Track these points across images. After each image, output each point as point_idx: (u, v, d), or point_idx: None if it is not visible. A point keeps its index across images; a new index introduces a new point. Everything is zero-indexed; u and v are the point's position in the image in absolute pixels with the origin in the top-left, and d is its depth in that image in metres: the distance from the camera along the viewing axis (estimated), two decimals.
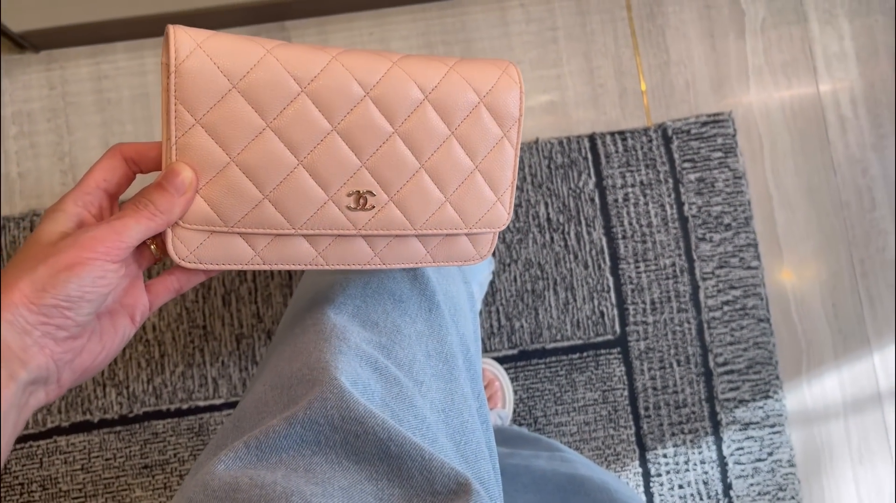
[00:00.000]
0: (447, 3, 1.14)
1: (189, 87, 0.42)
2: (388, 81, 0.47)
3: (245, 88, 0.43)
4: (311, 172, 0.46)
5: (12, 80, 1.09)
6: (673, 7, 1.16)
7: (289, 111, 0.44)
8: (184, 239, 0.44)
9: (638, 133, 1.14)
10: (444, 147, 0.49)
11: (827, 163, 1.16)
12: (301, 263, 0.48)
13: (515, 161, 0.53)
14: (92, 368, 0.42)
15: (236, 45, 0.43)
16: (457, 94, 0.49)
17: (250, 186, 0.45)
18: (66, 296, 0.38)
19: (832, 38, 1.17)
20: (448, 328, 0.55)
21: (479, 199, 0.52)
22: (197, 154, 0.43)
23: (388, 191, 0.48)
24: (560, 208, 1.13)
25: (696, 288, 1.13)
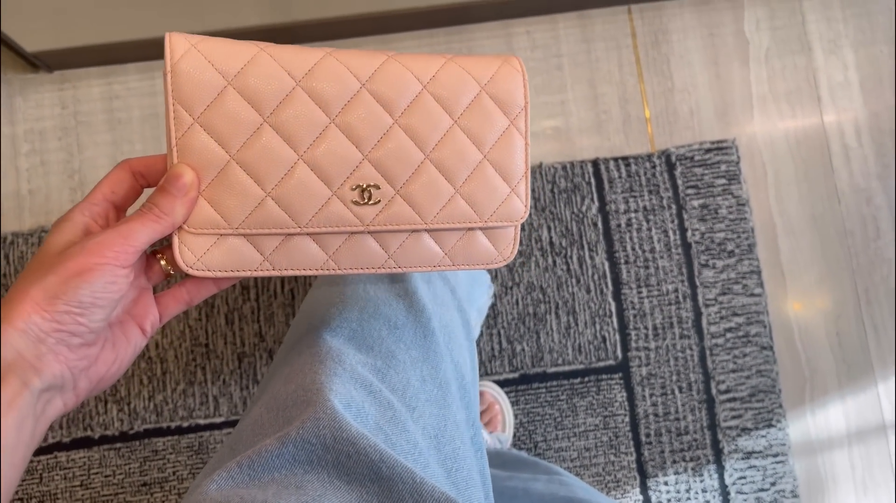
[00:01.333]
0: (454, 28, 1.16)
1: (185, 87, 0.42)
2: (384, 73, 0.46)
3: (240, 85, 0.43)
4: (313, 167, 0.45)
5: (25, 99, 1.11)
6: (677, 35, 1.17)
7: (285, 106, 0.44)
8: (190, 245, 0.44)
9: (641, 159, 1.15)
10: (448, 137, 0.48)
11: (831, 191, 1.16)
12: (312, 268, 0.47)
13: (527, 150, 0.51)
14: (107, 378, 0.42)
15: (230, 45, 0.44)
16: (456, 84, 0.48)
17: (252, 184, 0.44)
18: (79, 302, 0.38)
19: (836, 68, 1.17)
20: (443, 355, 0.55)
21: (492, 191, 0.50)
22: (197, 154, 0.43)
23: (393, 183, 0.47)
24: (563, 232, 1.14)
25: (699, 314, 1.13)
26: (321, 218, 0.46)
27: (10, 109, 1.11)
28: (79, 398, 0.41)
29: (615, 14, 1.17)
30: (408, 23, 1.14)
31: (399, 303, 0.57)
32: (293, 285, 1.10)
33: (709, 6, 1.18)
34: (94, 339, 0.40)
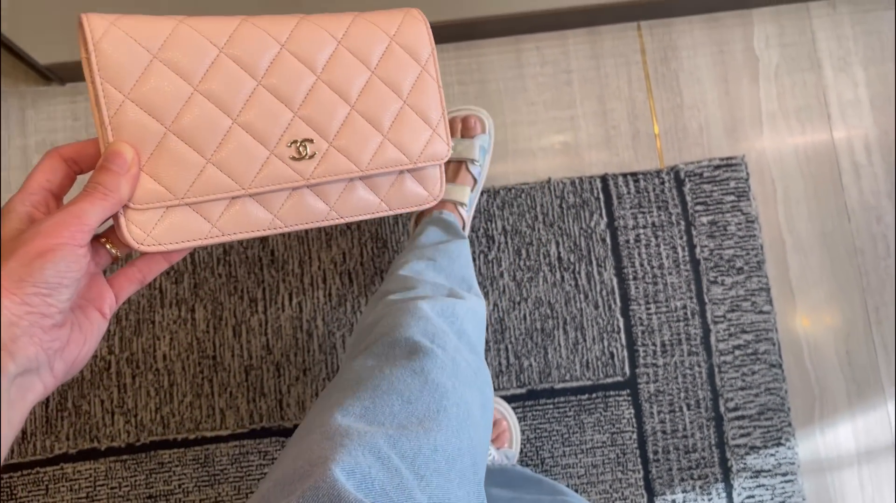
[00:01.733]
0: (463, 43, 1.16)
1: (111, 64, 0.43)
2: (300, 33, 0.49)
3: (166, 57, 0.44)
4: (248, 129, 0.47)
5: (37, 111, 1.12)
6: (687, 52, 1.17)
7: (212, 73, 0.46)
8: (138, 222, 0.45)
9: (650, 175, 1.15)
10: (368, 87, 0.51)
11: (841, 209, 1.15)
12: (259, 228, 0.49)
13: (440, 92, 0.55)
14: (80, 359, 0.43)
15: (149, 20, 0.45)
16: (368, 37, 0.51)
17: (191, 152, 0.45)
18: (45, 282, 0.38)
19: (846, 86, 1.17)
20: (455, 430, 0.55)
21: (416, 133, 0.54)
22: (133, 130, 0.43)
23: (325, 136, 0.50)
24: (571, 248, 1.13)
25: (707, 331, 1.12)
26: (263, 177, 0.48)
27: (22, 121, 1.12)
28: (56, 379, 0.41)
29: (625, 30, 1.18)
30: None
31: (414, 379, 0.57)
32: (301, 298, 1.10)
33: (718, 23, 1.18)
34: (62, 320, 0.41)
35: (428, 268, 0.85)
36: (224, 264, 1.10)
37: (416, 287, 0.79)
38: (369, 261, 1.12)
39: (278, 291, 1.10)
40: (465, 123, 1.07)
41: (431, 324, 0.68)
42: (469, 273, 0.91)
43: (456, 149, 1.05)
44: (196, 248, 0.48)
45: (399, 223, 1.12)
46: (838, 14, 1.18)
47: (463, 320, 0.73)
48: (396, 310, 0.71)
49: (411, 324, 0.67)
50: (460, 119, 1.08)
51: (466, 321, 0.74)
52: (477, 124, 1.08)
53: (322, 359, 1.09)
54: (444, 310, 0.72)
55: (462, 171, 1.04)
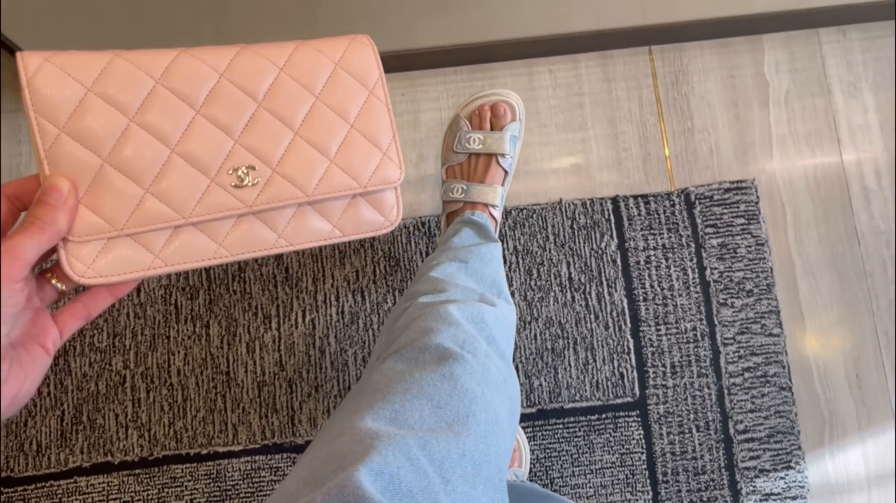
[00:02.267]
0: (477, 66, 1.18)
1: (45, 99, 0.43)
2: (240, 62, 0.48)
3: (100, 90, 0.44)
4: (187, 158, 0.47)
5: None
6: (698, 76, 1.19)
7: (148, 104, 0.46)
8: (78, 255, 0.45)
9: (661, 197, 1.16)
10: (312, 112, 0.51)
11: (850, 233, 1.16)
12: (204, 258, 0.48)
13: (390, 116, 0.55)
14: (21, 396, 0.42)
15: (84, 55, 0.45)
16: (311, 63, 0.51)
17: (129, 183, 0.45)
18: None
19: (856, 111, 1.18)
20: (483, 437, 0.56)
21: (365, 157, 0.53)
22: (69, 162, 0.44)
23: (268, 162, 0.49)
24: (582, 268, 1.14)
25: (717, 353, 1.13)
26: (204, 206, 0.47)
27: None
28: None
29: (636, 55, 1.19)
30: (431, 60, 1.17)
31: (444, 384, 0.58)
32: (314, 315, 1.11)
33: (729, 48, 1.20)
34: None
35: (460, 271, 0.85)
36: (239, 281, 1.12)
37: (447, 290, 0.78)
38: (381, 279, 1.13)
39: (292, 308, 1.12)
40: (494, 111, 1.03)
41: (462, 330, 0.68)
42: (500, 277, 0.90)
43: (486, 142, 1.00)
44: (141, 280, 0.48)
45: (412, 242, 1.13)
46: (848, 40, 1.20)
47: (492, 326, 0.73)
48: (427, 314, 0.71)
49: (441, 329, 0.67)
50: (489, 106, 1.03)
51: (496, 327, 0.74)
52: (507, 112, 1.03)
53: (334, 376, 1.10)
54: (473, 315, 0.72)
55: (492, 166, 1.01)
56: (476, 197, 0.99)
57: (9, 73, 1.15)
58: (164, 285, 1.11)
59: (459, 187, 1.00)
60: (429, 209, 1.15)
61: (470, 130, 1.03)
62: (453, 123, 1.06)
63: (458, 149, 1.03)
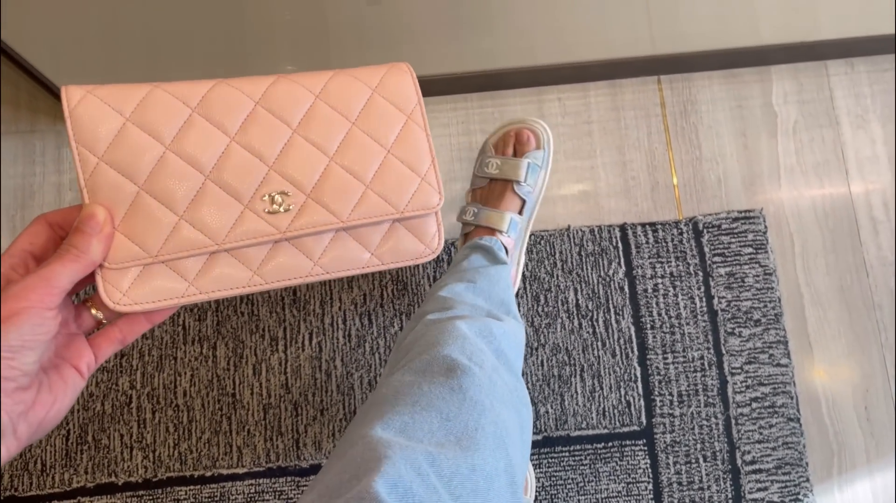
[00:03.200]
0: (487, 93, 1.20)
1: (85, 129, 0.44)
2: (276, 90, 0.49)
3: (138, 120, 0.45)
4: (221, 185, 0.47)
5: None
6: (706, 106, 1.20)
7: (184, 132, 0.46)
8: (114, 282, 0.45)
9: (669, 225, 1.16)
10: (348, 138, 0.51)
11: (859, 264, 1.16)
12: (238, 286, 0.48)
13: (429, 142, 0.54)
14: (48, 421, 0.43)
15: (124, 87, 0.46)
16: (348, 89, 0.51)
17: (164, 210, 0.46)
18: (8, 346, 0.39)
19: (864, 143, 1.19)
20: (493, 450, 0.56)
21: (402, 182, 0.52)
22: (107, 191, 0.44)
23: (303, 189, 0.49)
24: (589, 295, 1.14)
25: (725, 382, 1.12)
26: (238, 232, 0.47)
27: (57, 159, 1.15)
28: (20, 443, 0.41)
29: (645, 84, 1.20)
30: (442, 87, 1.18)
31: (452, 397, 0.58)
32: (321, 338, 1.11)
33: (737, 79, 1.21)
34: (28, 383, 0.41)
35: (467, 291, 0.85)
36: (247, 303, 1.12)
37: (455, 307, 0.79)
38: (389, 303, 1.13)
39: (299, 331, 1.12)
40: (518, 138, 1.03)
41: (469, 343, 0.68)
42: (509, 297, 0.90)
43: (501, 167, 1.01)
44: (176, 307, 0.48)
45: (419, 266, 1.14)
46: (856, 73, 1.21)
47: (500, 340, 0.74)
48: (435, 329, 0.71)
49: (449, 342, 0.67)
50: (514, 132, 1.04)
51: (504, 341, 0.74)
52: (531, 139, 1.03)
53: (339, 400, 1.10)
54: (481, 329, 0.73)
55: (507, 193, 1.01)
56: (483, 220, 0.99)
57: (25, 93, 1.17)
58: None
59: (472, 210, 1.02)
60: None
61: (491, 155, 1.05)
62: (482, 148, 1.08)
63: (479, 173, 1.05)
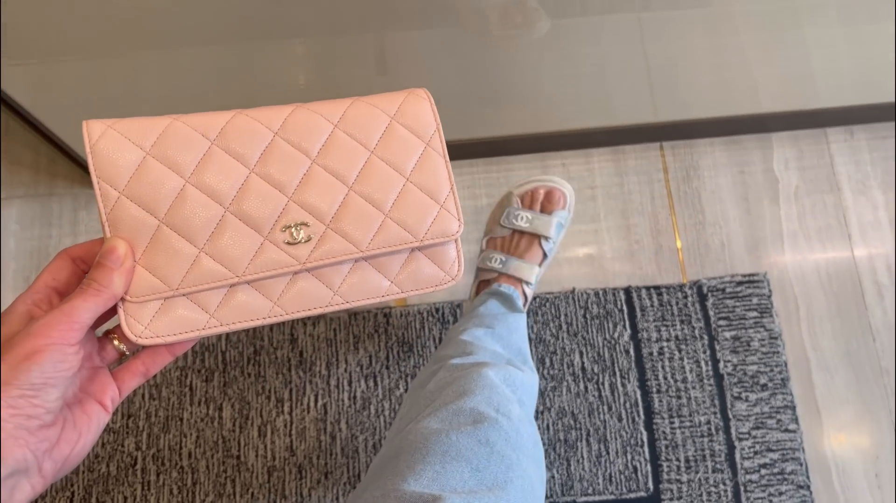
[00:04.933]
0: (493, 159, 1.22)
1: (106, 163, 0.45)
2: (294, 120, 0.49)
3: (158, 153, 0.46)
4: (241, 217, 0.47)
5: (89, 212, 1.18)
6: (708, 171, 1.22)
7: (204, 164, 0.47)
8: (136, 315, 0.45)
9: (673, 289, 1.17)
10: (367, 167, 0.51)
11: (865, 328, 1.16)
12: (259, 317, 0.48)
13: (448, 169, 0.53)
14: (73, 457, 0.43)
15: (144, 120, 0.47)
16: (366, 118, 0.51)
17: (184, 243, 0.46)
18: (30, 384, 0.39)
19: (866, 208, 1.20)
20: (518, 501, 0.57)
21: (421, 210, 0.52)
22: (128, 224, 0.45)
23: (322, 219, 0.49)
24: (595, 358, 1.15)
25: (732, 448, 1.11)
26: (258, 264, 0.48)
27: (73, 221, 1.18)
28: (46, 480, 0.41)
29: (648, 150, 1.23)
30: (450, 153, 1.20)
31: (481, 448, 0.59)
32: (326, 400, 1.11)
33: (739, 145, 1.23)
34: (52, 420, 0.41)
35: (487, 336, 0.86)
36: (254, 364, 1.13)
37: (476, 353, 0.79)
38: (395, 365, 1.14)
39: (304, 392, 1.12)
40: (549, 197, 1.07)
41: (496, 393, 0.69)
42: (525, 347, 0.91)
43: (533, 222, 1.04)
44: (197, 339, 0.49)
45: (426, 328, 1.15)
46: (856, 140, 1.23)
47: (521, 391, 0.74)
48: (461, 377, 0.71)
49: (476, 391, 0.68)
50: (544, 191, 1.07)
51: (524, 392, 0.75)
52: (560, 199, 1.07)
53: (344, 463, 1.09)
54: (506, 378, 0.73)
55: (534, 246, 1.04)
56: (513, 271, 1.02)
57: (45, 158, 1.21)
58: (180, 367, 1.13)
59: (498, 258, 1.04)
60: (441, 296, 1.17)
61: (520, 208, 1.07)
62: (504, 199, 1.11)
63: (505, 223, 1.07)
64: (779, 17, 0.93)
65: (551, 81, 1.03)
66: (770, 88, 1.12)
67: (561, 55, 0.96)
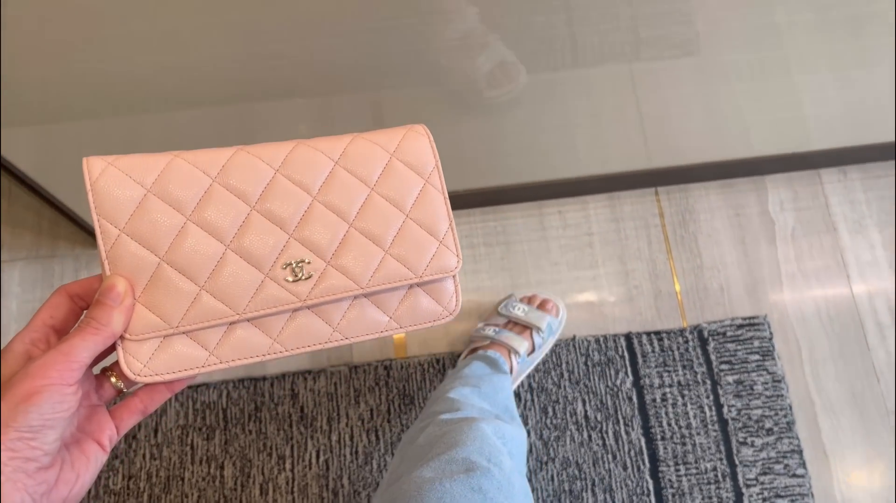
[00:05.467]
0: (489, 207, 1.23)
1: (106, 201, 0.44)
2: (295, 157, 0.49)
3: (159, 191, 0.45)
4: (242, 254, 0.47)
5: (90, 272, 1.19)
6: (704, 215, 1.23)
7: (205, 202, 0.46)
8: (134, 353, 0.45)
9: (674, 334, 1.17)
10: (367, 204, 0.51)
11: (869, 369, 1.15)
12: (258, 354, 0.48)
13: (447, 205, 0.53)
14: (71, 498, 0.42)
15: (146, 157, 0.46)
16: (366, 155, 0.51)
17: (185, 281, 0.45)
18: (28, 426, 0.38)
19: (863, 248, 1.20)
20: None
21: (421, 247, 0.52)
22: (128, 262, 0.44)
23: (323, 256, 0.49)
24: (598, 406, 1.14)
25: (740, 494, 1.10)
26: (258, 301, 0.47)
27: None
28: None
29: (643, 195, 1.24)
30: None
31: (474, 496, 0.60)
32: (328, 456, 1.11)
33: (733, 188, 1.24)
34: (49, 462, 0.40)
35: (474, 394, 0.88)
36: (255, 420, 1.13)
37: (463, 409, 0.81)
38: (396, 418, 1.13)
39: (306, 448, 1.12)
40: (544, 304, 1.13)
41: (488, 444, 0.70)
42: (512, 405, 0.94)
43: (529, 314, 1.10)
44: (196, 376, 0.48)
45: (426, 379, 1.14)
46: (849, 180, 1.24)
47: (513, 444, 0.76)
48: (452, 429, 0.73)
49: (468, 442, 0.69)
50: (541, 298, 1.14)
51: (513, 444, 0.77)
52: (554, 308, 1.14)
53: None
54: (496, 430, 0.75)
55: (526, 334, 1.10)
56: (506, 339, 1.06)
57: (47, 221, 1.22)
58: (181, 425, 1.12)
59: (492, 329, 1.09)
60: (443, 346, 1.17)
61: (518, 301, 1.14)
62: (507, 297, 1.17)
63: (503, 311, 1.12)
64: (767, 65, 0.95)
65: (546, 133, 1.04)
66: (762, 133, 1.13)
67: (554, 107, 0.98)
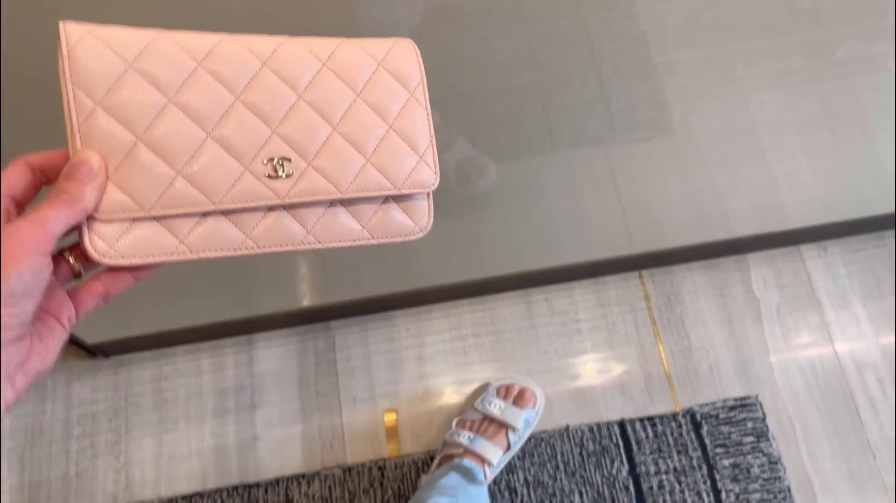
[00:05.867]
0: (477, 298, 1.25)
1: (84, 70, 0.42)
2: (284, 52, 0.48)
3: (141, 67, 0.44)
4: (223, 144, 0.46)
5: (82, 385, 1.20)
6: (689, 296, 1.24)
7: (189, 86, 0.45)
8: (102, 234, 0.43)
9: (667, 418, 1.17)
10: (352, 110, 0.50)
11: (864, 445, 1.15)
12: (230, 248, 0.47)
13: (429, 120, 0.53)
14: (43, 371, 0.41)
15: (127, 30, 0.45)
16: (354, 60, 0.51)
17: (161, 163, 0.44)
18: (10, 292, 0.37)
19: (849, 322, 1.21)
20: None
21: (401, 159, 0.52)
22: (102, 138, 0.43)
23: (304, 156, 0.48)
24: (595, 497, 1.13)
25: None
26: (235, 193, 0.46)
27: (67, 395, 1.19)
28: (18, 394, 0.40)
29: (627, 279, 1.25)
30: (436, 296, 1.23)
31: None
32: None
33: (716, 268, 1.25)
34: (23, 333, 0.39)
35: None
36: None
37: None
38: None
39: None
40: (521, 394, 1.11)
41: None
42: None
43: (504, 412, 1.08)
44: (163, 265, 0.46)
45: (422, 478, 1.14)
46: (829, 255, 1.25)
47: None
48: None
49: None
50: (518, 388, 1.12)
51: None
52: (531, 398, 1.11)
53: None
54: None
55: (501, 434, 1.07)
56: (479, 449, 1.03)
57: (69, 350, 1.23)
58: None
59: (467, 436, 1.06)
60: (437, 441, 1.17)
61: (495, 397, 1.11)
62: (481, 388, 1.14)
63: (479, 407, 1.10)
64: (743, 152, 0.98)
65: (527, 223, 1.06)
66: (741, 214, 1.15)
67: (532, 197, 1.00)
